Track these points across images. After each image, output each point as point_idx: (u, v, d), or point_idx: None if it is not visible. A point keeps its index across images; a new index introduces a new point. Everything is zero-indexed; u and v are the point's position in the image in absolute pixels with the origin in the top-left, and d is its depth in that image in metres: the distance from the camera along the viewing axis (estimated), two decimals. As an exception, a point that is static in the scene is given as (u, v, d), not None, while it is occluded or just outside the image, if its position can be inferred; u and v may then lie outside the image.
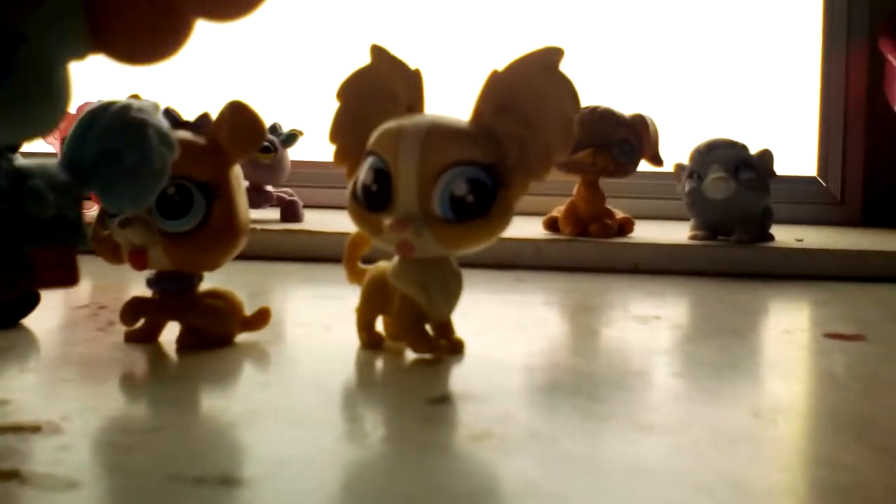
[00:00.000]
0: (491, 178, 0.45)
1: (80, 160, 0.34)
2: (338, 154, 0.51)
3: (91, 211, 0.57)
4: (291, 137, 1.06)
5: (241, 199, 0.49)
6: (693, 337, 0.58)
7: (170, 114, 0.50)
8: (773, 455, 0.34)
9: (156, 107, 0.40)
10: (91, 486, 0.28)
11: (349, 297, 0.52)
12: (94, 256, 0.88)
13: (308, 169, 1.24)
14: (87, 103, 1.01)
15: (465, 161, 0.44)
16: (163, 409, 0.38)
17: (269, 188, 1.04)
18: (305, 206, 1.07)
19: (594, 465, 0.31)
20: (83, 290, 0.73)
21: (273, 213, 1.04)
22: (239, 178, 0.49)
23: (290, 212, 1.03)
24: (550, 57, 0.46)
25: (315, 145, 1.18)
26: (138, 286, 0.71)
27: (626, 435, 0.35)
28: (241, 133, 0.47)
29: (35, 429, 0.33)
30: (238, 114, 0.48)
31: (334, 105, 0.51)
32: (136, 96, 0.50)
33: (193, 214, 0.46)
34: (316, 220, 1.04)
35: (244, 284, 0.52)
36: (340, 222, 1.02)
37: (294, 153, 1.09)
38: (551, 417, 0.37)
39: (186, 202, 0.46)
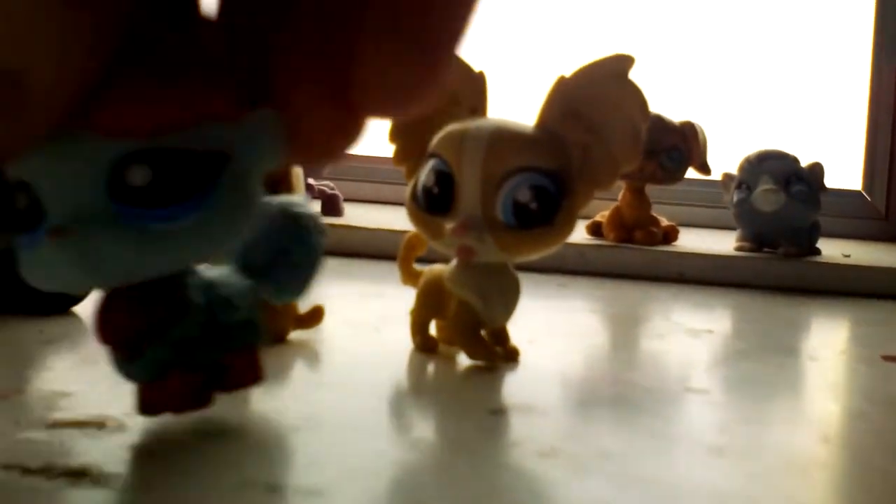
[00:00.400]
0: (555, 186, 0.44)
1: (254, 263, 0.35)
2: (398, 154, 0.50)
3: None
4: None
5: (300, 194, 0.48)
6: (749, 353, 0.57)
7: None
8: (847, 485, 0.34)
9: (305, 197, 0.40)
10: (164, 490, 0.28)
11: (394, 296, 0.52)
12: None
13: (349, 162, 1.24)
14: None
15: (529, 167, 0.44)
16: (224, 408, 0.37)
17: (311, 181, 1.04)
18: (346, 200, 1.07)
19: (671, 491, 0.30)
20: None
21: (314, 206, 1.04)
22: (299, 175, 0.48)
23: (331, 205, 1.03)
24: (621, 64, 0.45)
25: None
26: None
27: (698, 458, 0.34)
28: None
29: (100, 425, 0.33)
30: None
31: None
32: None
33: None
34: (356, 215, 1.03)
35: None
36: (381, 218, 1.02)
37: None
38: (619, 435, 0.37)
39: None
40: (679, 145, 0.93)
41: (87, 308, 0.54)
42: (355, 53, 0.21)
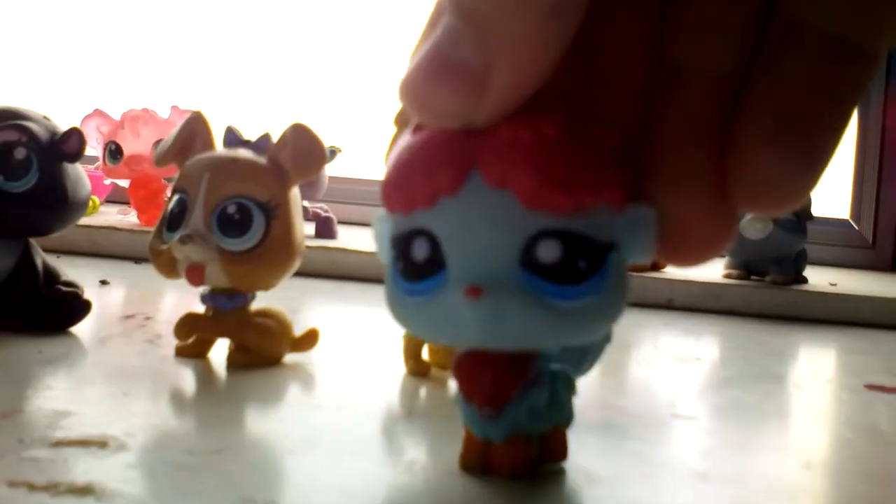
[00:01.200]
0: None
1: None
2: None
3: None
4: (331, 154, 1.07)
5: (299, 219, 0.49)
6: (735, 381, 0.58)
7: (232, 132, 0.51)
8: (829, 511, 0.34)
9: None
10: (164, 508, 0.28)
11: (386, 320, 0.53)
12: (133, 265, 0.89)
13: (344, 185, 1.25)
14: (130, 110, 1.02)
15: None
16: (222, 429, 0.38)
17: (306, 203, 1.05)
18: (340, 223, 1.08)
19: (657, 514, 0.31)
20: (127, 298, 0.73)
21: (307, 229, 1.05)
22: (297, 199, 0.49)
23: (325, 228, 1.04)
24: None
25: (351, 162, 1.19)
26: (177, 295, 0.72)
27: (685, 483, 0.35)
28: (303, 155, 0.48)
29: (102, 444, 0.34)
30: (301, 136, 0.48)
31: (391, 130, 0.52)
32: (199, 113, 0.51)
33: (253, 233, 0.46)
34: (350, 238, 1.04)
35: (281, 301, 0.52)
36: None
37: (330, 169, 1.10)
38: (607, 460, 0.37)
39: (247, 221, 0.46)
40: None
41: (83, 328, 0.55)
42: (737, 150, 0.23)
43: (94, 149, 1.05)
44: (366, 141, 1.23)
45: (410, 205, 0.27)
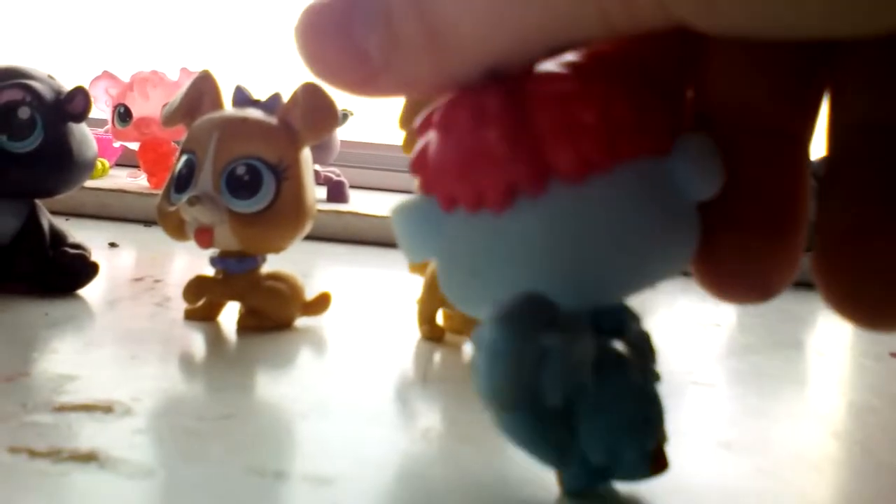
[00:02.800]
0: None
1: None
2: (408, 141, 0.50)
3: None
4: (343, 117, 1.06)
5: (310, 181, 0.48)
6: (756, 348, 0.57)
7: (241, 92, 0.49)
8: (858, 481, 0.33)
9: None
10: (171, 475, 0.28)
11: (400, 285, 0.52)
12: (142, 227, 0.88)
13: (355, 149, 1.23)
14: (139, 72, 1.01)
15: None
16: (231, 394, 0.37)
17: (317, 167, 1.04)
18: (351, 187, 1.06)
19: (681, 483, 0.30)
20: (136, 261, 0.73)
21: (319, 193, 1.04)
22: (308, 161, 0.48)
23: (337, 192, 1.03)
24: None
25: (363, 125, 1.17)
26: (187, 258, 0.71)
27: (709, 451, 0.34)
28: (314, 116, 0.47)
29: (107, 409, 0.33)
30: (312, 96, 0.47)
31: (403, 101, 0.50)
32: (207, 72, 0.49)
33: (263, 195, 0.45)
34: (362, 202, 1.03)
35: (292, 265, 0.51)
36: (386, 205, 1.01)
37: (342, 133, 1.08)
38: (627, 428, 0.36)
39: (256, 182, 0.45)
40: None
41: (91, 291, 0.54)
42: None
43: (102, 111, 1.04)
44: (378, 105, 1.21)
45: None
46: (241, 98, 0.49)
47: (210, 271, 0.49)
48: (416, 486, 0.29)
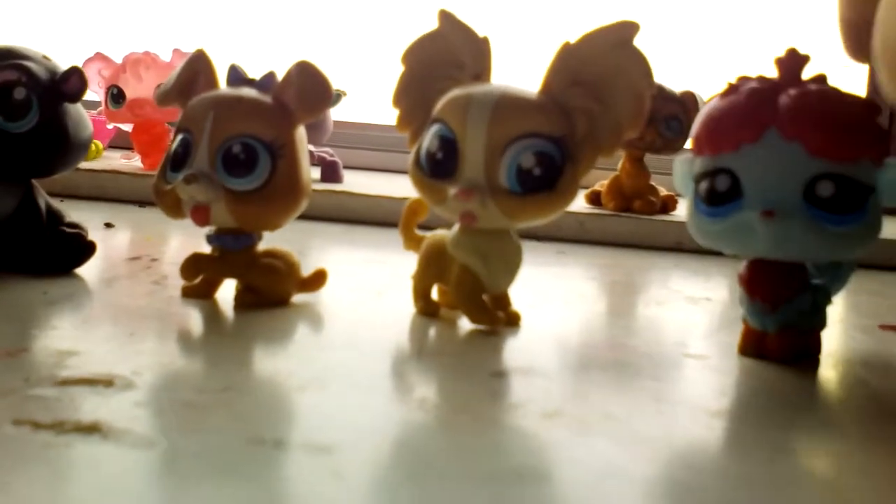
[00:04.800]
0: (559, 152, 0.44)
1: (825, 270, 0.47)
2: (401, 119, 0.50)
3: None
4: (336, 97, 1.06)
5: (305, 159, 0.48)
6: (746, 321, 0.58)
7: (235, 71, 0.49)
8: (844, 446, 0.34)
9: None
10: (172, 445, 0.28)
11: (395, 262, 0.53)
12: (137, 208, 0.88)
13: (349, 130, 1.23)
14: (132, 53, 1.01)
15: (533, 133, 0.44)
16: (230, 368, 0.38)
17: (311, 147, 1.04)
18: (345, 168, 1.07)
19: (674, 450, 0.31)
20: (132, 241, 0.73)
21: (314, 173, 1.04)
22: (303, 139, 0.49)
23: (331, 172, 1.03)
24: (625, 31, 0.45)
25: (356, 106, 1.17)
26: (182, 237, 0.71)
27: (699, 419, 0.35)
28: (308, 94, 0.47)
29: (108, 382, 0.34)
30: (306, 74, 0.47)
31: (398, 69, 0.51)
32: (201, 51, 0.50)
33: (259, 173, 0.46)
34: (355, 182, 1.03)
35: (287, 243, 0.52)
36: (380, 185, 1.02)
37: (335, 113, 1.08)
38: (621, 398, 0.37)
39: (252, 161, 0.46)
40: (678, 114, 0.92)
41: (89, 270, 0.54)
42: None
43: (95, 93, 1.04)
44: (371, 85, 1.21)
45: (718, 149, 0.41)
46: (236, 77, 0.49)
47: (206, 249, 0.49)
48: (412, 453, 0.30)
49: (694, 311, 0.58)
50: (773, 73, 0.43)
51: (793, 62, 0.43)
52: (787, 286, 0.43)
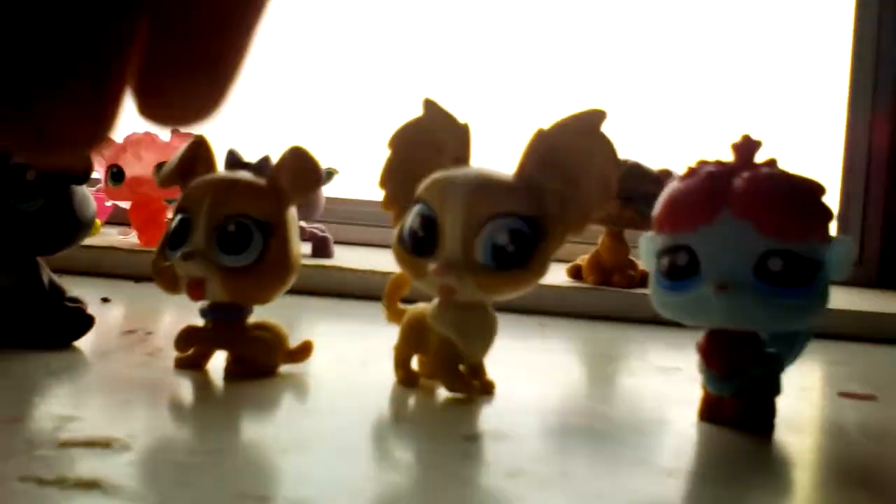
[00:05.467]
0: (531, 230, 0.47)
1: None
2: (386, 199, 0.54)
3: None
4: (327, 175, 1.10)
5: (295, 237, 0.52)
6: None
7: (233, 155, 0.53)
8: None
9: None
10: (167, 499, 0.31)
11: (381, 335, 0.55)
12: (132, 283, 0.91)
13: (340, 206, 1.27)
14: (132, 134, 1.05)
15: (507, 213, 0.47)
16: (219, 433, 0.40)
17: (303, 224, 1.07)
18: (335, 243, 1.10)
19: (624, 505, 0.34)
20: (128, 315, 0.76)
21: (304, 249, 1.07)
22: (294, 218, 0.52)
23: (322, 247, 1.06)
24: (593, 118, 0.49)
25: (347, 183, 1.21)
26: (175, 312, 0.74)
27: (652, 477, 0.37)
28: (300, 177, 0.51)
29: (106, 444, 0.36)
30: (298, 159, 0.51)
31: (385, 153, 0.54)
32: (201, 137, 0.53)
33: (252, 250, 0.49)
34: (346, 257, 1.07)
35: (277, 316, 0.55)
36: (370, 260, 1.05)
37: (327, 190, 1.12)
38: (581, 459, 0.40)
39: (246, 238, 0.49)
40: (656, 192, 0.96)
41: (86, 343, 0.57)
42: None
43: (95, 171, 1.07)
44: (361, 162, 1.26)
45: (677, 229, 0.46)
46: (233, 160, 0.53)
47: (199, 322, 0.52)
48: (386, 508, 0.32)
49: (664, 381, 0.61)
50: (728, 157, 0.47)
51: (746, 147, 0.47)
52: (741, 355, 0.46)
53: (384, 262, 0.99)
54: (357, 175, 1.24)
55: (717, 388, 0.47)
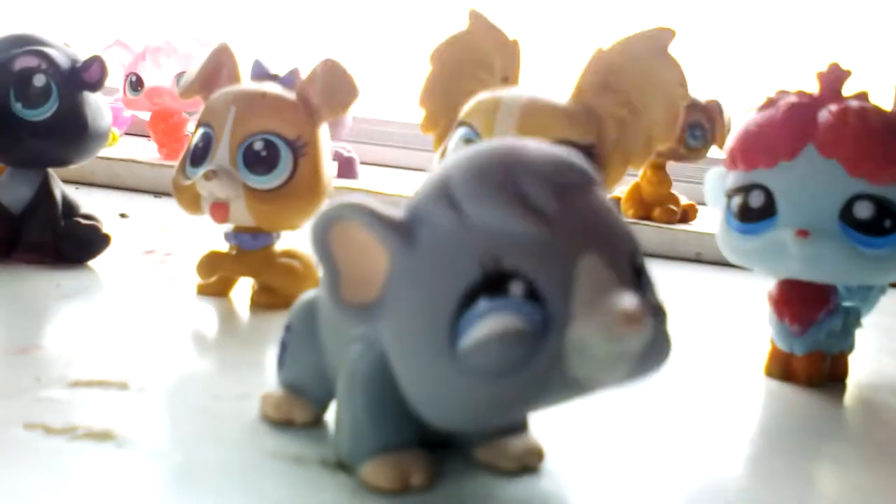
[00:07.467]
0: (588, 160, 0.43)
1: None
2: (427, 120, 0.49)
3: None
4: (356, 93, 1.05)
5: (327, 158, 0.47)
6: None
7: (260, 65, 0.48)
8: (870, 480, 0.33)
9: None
10: (188, 457, 0.27)
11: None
12: (153, 198, 0.87)
13: (366, 125, 1.22)
14: (152, 41, 1.00)
15: (561, 140, 0.43)
16: (246, 373, 0.37)
17: (328, 142, 1.03)
18: (361, 163, 1.06)
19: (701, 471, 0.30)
20: (147, 233, 0.72)
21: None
22: (325, 138, 0.48)
23: (347, 168, 1.02)
24: (661, 38, 0.44)
25: (374, 102, 1.16)
26: (198, 231, 0.70)
27: (724, 444, 0.34)
28: (334, 92, 0.46)
29: (122, 385, 0.33)
30: (332, 73, 0.46)
31: (426, 68, 0.50)
32: (225, 44, 0.49)
33: (280, 171, 0.45)
34: (372, 178, 1.02)
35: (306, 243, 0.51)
36: (396, 182, 1.01)
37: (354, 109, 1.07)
38: (633, 422, 0.36)
39: (274, 158, 0.45)
40: (703, 123, 0.91)
41: (102, 262, 0.53)
42: None
43: (113, 80, 1.03)
44: (392, 81, 1.20)
45: (752, 165, 0.40)
46: (260, 72, 0.48)
47: (223, 246, 0.48)
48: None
49: (713, 330, 0.57)
50: (813, 87, 0.42)
51: (834, 77, 0.41)
52: (817, 308, 0.42)
53: (412, 185, 0.95)
54: (386, 93, 1.18)
55: (788, 343, 0.42)
